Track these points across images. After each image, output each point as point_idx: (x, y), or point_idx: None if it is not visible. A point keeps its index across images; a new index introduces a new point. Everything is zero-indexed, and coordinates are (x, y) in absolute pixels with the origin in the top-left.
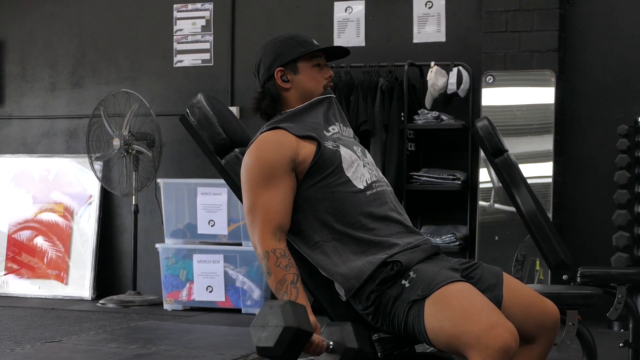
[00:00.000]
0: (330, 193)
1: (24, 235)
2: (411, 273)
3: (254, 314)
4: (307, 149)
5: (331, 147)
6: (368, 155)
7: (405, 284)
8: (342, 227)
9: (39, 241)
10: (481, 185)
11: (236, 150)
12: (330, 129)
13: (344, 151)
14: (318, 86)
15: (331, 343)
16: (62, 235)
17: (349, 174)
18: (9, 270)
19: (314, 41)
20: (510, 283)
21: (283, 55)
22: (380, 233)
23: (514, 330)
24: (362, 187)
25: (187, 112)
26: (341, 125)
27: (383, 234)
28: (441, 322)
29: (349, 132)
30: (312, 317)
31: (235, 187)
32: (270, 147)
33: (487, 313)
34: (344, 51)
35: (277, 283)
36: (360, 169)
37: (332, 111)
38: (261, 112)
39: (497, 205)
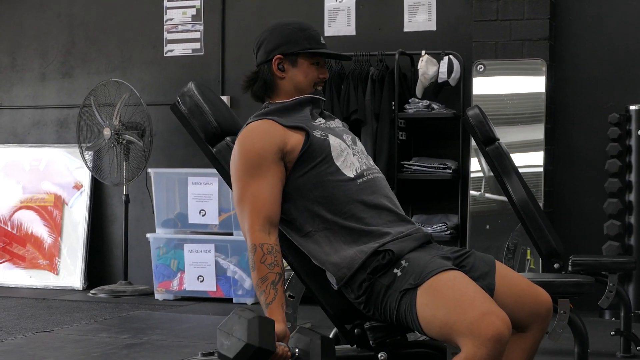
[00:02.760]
0: (320, 182)
1: (15, 225)
2: (403, 262)
3: (245, 304)
4: (296, 138)
5: (320, 136)
6: (359, 143)
7: (397, 272)
8: (333, 216)
9: (30, 231)
10: (472, 175)
11: (227, 138)
12: (317, 121)
13: (333, 140)
14: (309, 84)
15: (297, 351)
16: (52, 226)
17: (338, 162)
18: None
19: (321, 39)
20: (502, 271)
21: (287, 44)
22: (371, 222)
23: (506, 318)
24: (352, 176)
25: (178, 101)
26: (327, 119)
27: (374, 222)
28: (434, 310)
29: (337, 122)
30: (280, 326)
31: (226, 176)
32: (258, 136)
33: (480, 301)
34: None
35: (259, 280)
36: (350, 157)
37: (317, 110)
38: (251, 92)
39: (488, 195)
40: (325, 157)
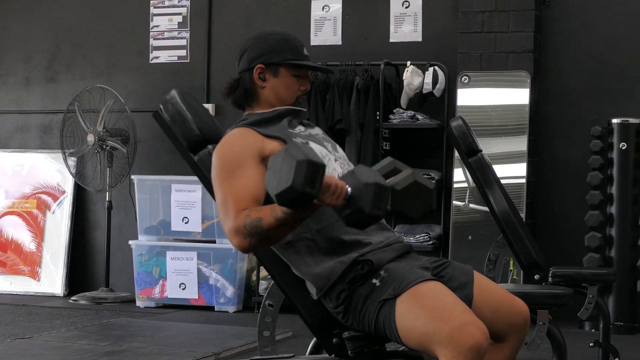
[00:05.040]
0: None
1: None
2: (382, 272)
3: (227, 312)
4: (274, 146)
5: (300, 142)
6: (340, 149)
7: (375, 282)
8: (315, 225)
9: (12, 237)
10: (455, 185)
11: (209, 146)
12: (296, 129)
13: (314, 146)
14: (291, 96)
15: (349, 190)
16: (35, 231)
17: None
18: None
19: (305, 50)
20: (480, 282)
21: (270, 54)
22: (352, 231)
23: (485, 329)
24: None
25: (160, 108)
26: (307, 128)
27: (355, 232)
28: (412, 320)
29: (317, 130)
30: None
31: (208, 183)
32: (236, 141)
33: (459, 312)
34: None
35: (271, 216)
36: (332, 163)
37: (297, 120)
38: (232, 99)
39: (471, 205)
40: None
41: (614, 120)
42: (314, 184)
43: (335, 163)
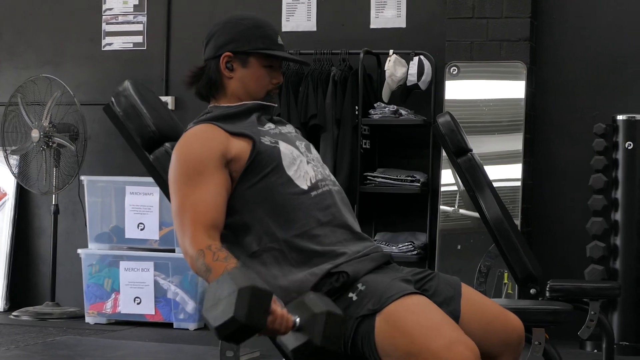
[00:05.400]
0: (270, 195)
1: None
2: (359, 285)
3: (187, 329)
4: (241, 146)
5: (269, 142)
6: (313, 150)
7: (352, 297)
8: (284, 233)
9: None
10: (443, 188)
11: (166, 144)
12: (266, 126)
13: (283, 147)
14: (261, 89)
15: (297, 321)
16: None
17: (290, 172)
18: None
19: (279, 39)
20: (469, 295)
21: (238, 41)
22: (325, 241)
23: (475, 347)
24: (305, 188)
25: (112, 101)
26: (277, 125)
27: (328, 241)
28: (395, 339)
29: (288, 127)
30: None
31: (164, 185)
32: (198, 141)
33: (446, 329)
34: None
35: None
36: (304, 166)
37: (267, 117)
38: (195, 89)
39: (461, 211)
40: (276, 167)
41: (619, 117)
42: (260, 316)
43: (308, 166)
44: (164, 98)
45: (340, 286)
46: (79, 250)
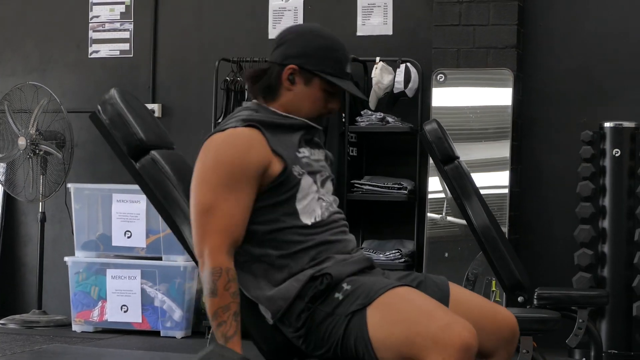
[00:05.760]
0: (274, 221)
1: None
2: (344, 284)
3: (174, 337)
4: (275, 166)
5: (296, 173)
6: (328, 184)
7: (338, 296)
8: (276, 254)
9: None
10: (430, 196)
11: (152, 152)
12: (301, 150)
13: (305, 180)
14: (314, 111)
15: None
16: None
17: (299, 206)
18: None
19: (348, 67)
20: (457, 294)
21: (308, 58)
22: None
23: (471, 328)
24: (308, 223)
25: (98, 109)
26: (313, 148)
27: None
28: (390, 327)
29: (320, 153)
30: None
31: (150, 194)
32: (244, 146)
33: (441, 312)
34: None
35: (220, 308)
36: (313, 203)
37: (308, 137)
38: (252, 89)
39: (449, 218)
40: (290, 197)
41: (606, 124)
42: None
43: (317, 202)
44: (150, 106)
45: (325, 288)
46: (66, 258)
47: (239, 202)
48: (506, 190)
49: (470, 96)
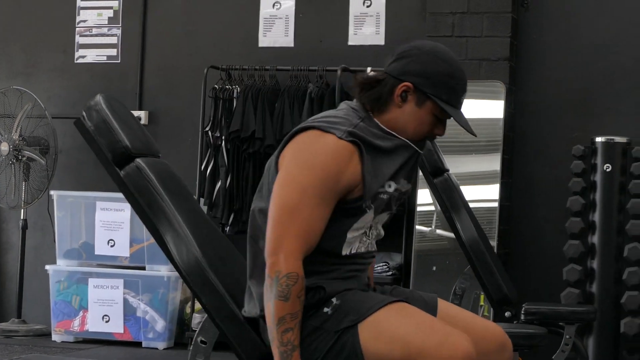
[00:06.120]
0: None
1: None
2: (334, 299)
3: (156, 348)
4: (356, 192)
5: (365, 207)
6: (385, 215)
7: (327, 311)
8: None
9: None
10: (419, 208)
11: (137, 160)
12: (391, 183)
13: (367, 215)
14: (419, 134)
15: None
16: None
17: (348, 235)
18: None
19: (463, 97)
20: (445, 310)
21: (426, 80)
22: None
23: (469, 339)
24: (343, 254)
25: (83, 115)
26: (402, 181)
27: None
28: (387, 345)
29: (405, 187)
30: None
31: (135, 203)
32: (345, 161)
33: (438, 326)
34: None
35: (289, 314)
36: (358, 239)
37: (407, 167)
38: (359, 96)
39: (438, 231)
40: (346, 223)
41: (598, 139)
42: None
43: (362, 241)
44: (137, 112)
45: (316, 302)
46: (47, 267)
47: (321, 211)
48: (496, 204)
49: (462, 108)
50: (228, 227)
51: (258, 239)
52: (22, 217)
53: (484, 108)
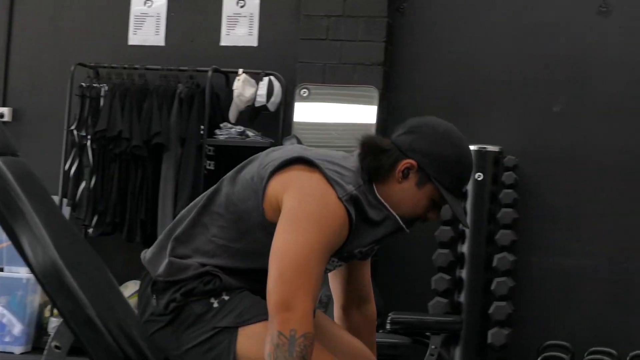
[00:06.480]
0: (255, 256)
1: None
2: (224, 294)
3: (13, 353)
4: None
5: (333, 262)
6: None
7: (213, 303)
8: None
9: None
10: None
11: None
12: (370, 245)
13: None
14: (412, 214)
15: None
16: None
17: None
18: None
19: (465, 186)
20: (328, 327)
21: (431, 162)
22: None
23: None
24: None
25: None
26: (376, 246)
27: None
28: (264, 357)
29: (373, 248)
30: None
31: None
32: (344, 225)
33: (320, 351)
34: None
35: None
36: None
37: (386, 239)
38: (361, 161)
39: None
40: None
41: (471, 147)
42: None
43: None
44: (1, 109)
45: (207, 290)
46: None
47: (323, 266)
48: None
49: (334, 112)
50: (92, 229)
51: (211, 216)
52: None
53: (356, 113)
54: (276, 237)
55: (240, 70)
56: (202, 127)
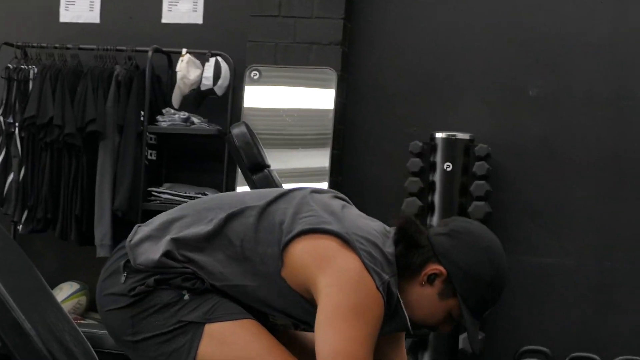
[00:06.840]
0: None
1: None
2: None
3: None
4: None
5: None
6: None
7: (184, 295)
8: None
9: None
10: None
11: None
12: None
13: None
14: (424, 322)
15: None
16: None
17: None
18: None
19: (489, 310)
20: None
21: (464, 277)
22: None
23: None
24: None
25: None
26: None
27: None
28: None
29: None
30: None
31: None
32: (380, 309)
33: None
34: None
35: None
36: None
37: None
38: (396, 243)
39: None
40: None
41: (438, 135)
42: None
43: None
44: None
45: (184, 286)
46: None
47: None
48: None
49: (287, 97)
50: (21, 226)
51: (221, 240)
52: None
53: (313, 97)
54: (324, 332)
55: (184, 50)
56: (142, 113)
